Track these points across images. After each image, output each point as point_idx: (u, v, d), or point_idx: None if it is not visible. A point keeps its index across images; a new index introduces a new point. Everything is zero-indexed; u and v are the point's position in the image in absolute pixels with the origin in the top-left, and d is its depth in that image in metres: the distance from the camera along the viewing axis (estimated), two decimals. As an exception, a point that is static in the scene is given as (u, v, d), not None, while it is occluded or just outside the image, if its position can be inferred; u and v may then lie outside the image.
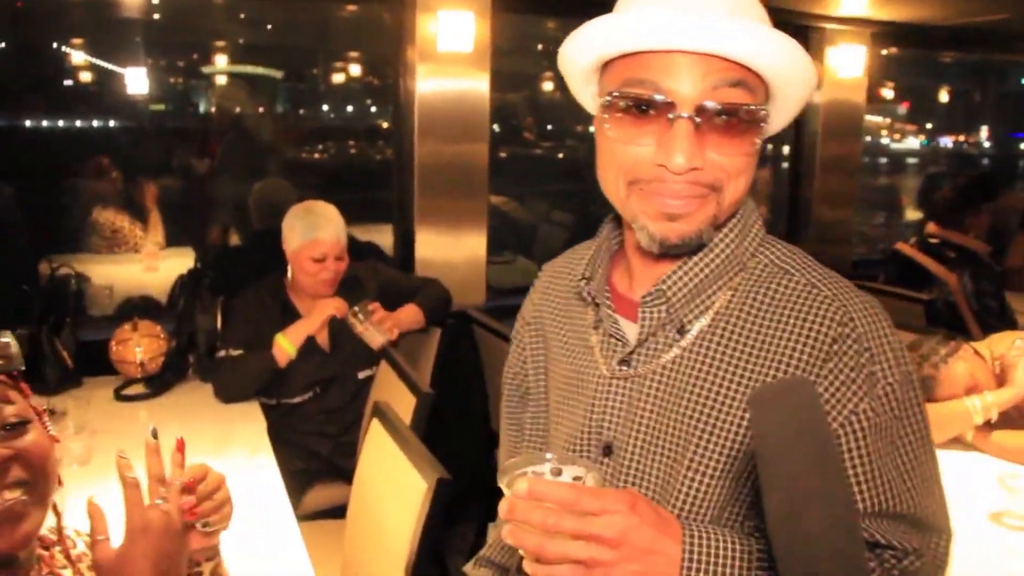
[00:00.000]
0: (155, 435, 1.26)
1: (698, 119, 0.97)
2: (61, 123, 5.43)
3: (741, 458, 1.02)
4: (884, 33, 5.01)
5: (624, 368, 1.11)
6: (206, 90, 5.89)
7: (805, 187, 5.00)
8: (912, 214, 7.06)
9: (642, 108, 0.99)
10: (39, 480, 1.12)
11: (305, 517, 2.83)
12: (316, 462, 2.96)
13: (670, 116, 0.98)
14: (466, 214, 3.79)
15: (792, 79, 1.02)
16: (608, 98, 1.02)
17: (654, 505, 0.93)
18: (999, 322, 3.75)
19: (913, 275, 3.97)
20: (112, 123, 5.52)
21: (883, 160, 8.44)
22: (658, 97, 0.98)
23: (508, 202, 6.61)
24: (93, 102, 5.32)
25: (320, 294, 2.97)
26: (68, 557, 1.27)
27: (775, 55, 0.98)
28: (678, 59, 0.97)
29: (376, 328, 2.92)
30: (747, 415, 1.00)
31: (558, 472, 0.93)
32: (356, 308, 2.91)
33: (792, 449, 0.77)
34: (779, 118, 1.08)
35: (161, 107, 5.49)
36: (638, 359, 1.10)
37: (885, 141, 8.35)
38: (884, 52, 5.74)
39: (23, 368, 1.13)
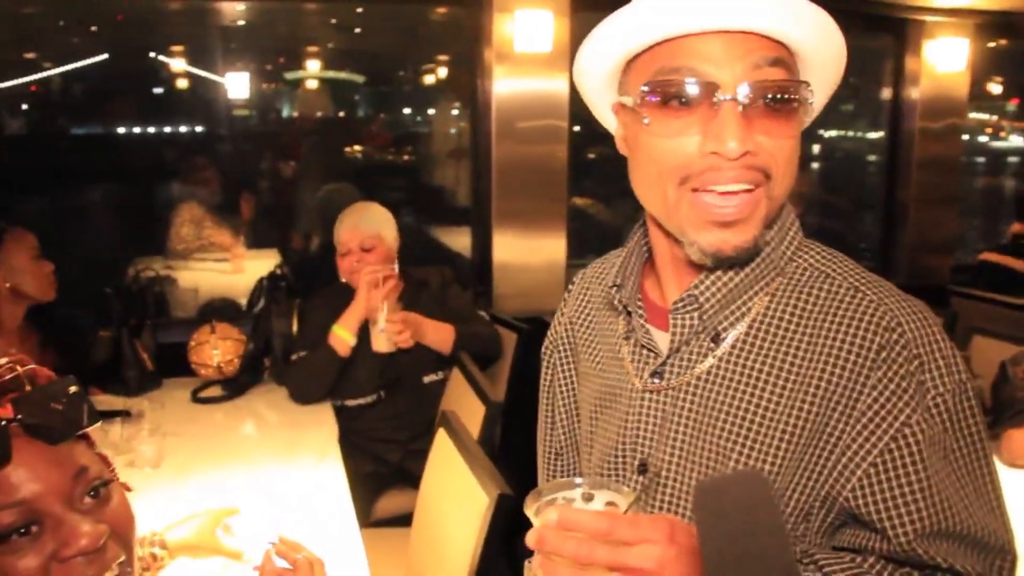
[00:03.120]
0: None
1: (744, 100, 0.90)
2: (152, 129, 5.59)
3: (784, 473, 0.96)
4: (990, 24, 4.74)
5: (657, 380, 1.05)
6: (290, 95, 5.98)
7: (901, 188, 4.76)
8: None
9: (682, 98, 0.91)
10: (129, 551, 0.97)
11: (377, 523, 2.82)
12: (386, 468, 2.94)
13: (715, 100, 0.90)
14: (545, 216, 3.74)
15: (828, 58, 0.96)
16: (644, 88, 0.94)
17: (693, 531, 0.84)
18: None
19: (1007, 282, 3.77)
20: (197, 129, 5.66)
21: (980, 159, 8.01)
22: (700, 80, 0.90)
23: (593, 204, 6.54)
24: (181, 109, 5.47)
25: None
26: None
27: (813, 29, 0.93)
28: (712, 41, 0.91)
29: (388, 334, 2.77)
30: (789, 425, 0.96)
31: (590, 498, 0.87)
32: (389, 305, 2.80)
33: (740, 552, 0.72)
34: (815, 102, 1.00)
35: (245, 112, 5.60)
36: (671, 371, 1.04)
37: (983, 139, 7.91)
38: (991, 44, 5.44)
39: (100, 422, 1.03)
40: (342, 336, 2.82)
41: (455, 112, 6.87)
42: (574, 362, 1.23)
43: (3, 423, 0.86)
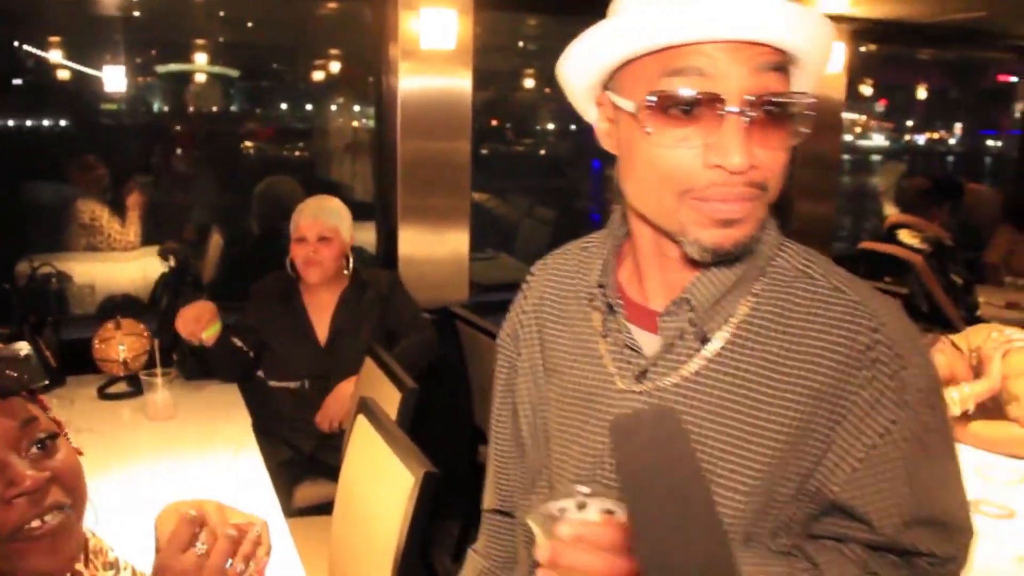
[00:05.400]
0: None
1: (750, 112, 0.88)
2: (11, 122, 5.37)
3: (774, 471, 0.96)
4: (864, 30, 5.05)
5: (642, 382, 1.03)
6: (171, 89, 5.85)
7: (785, 182, 5.02)
8: (890, 209, 7.15)
9: (685, 107, 0.89)
10: (77, 500, 1.07)
11: (293, 513, 2.84)
12: (300, 458, 2.97)
13: (720, 112, 0.88)
14: (449, 211, 3.80)
15: (820, 62, 0.96)
16: (650, 99, 0.90)
17: None
18: (966, 295, 3.86)
19: (885, 268, 4.05)
20: (63, 123, 5.46)
21: (846, 157, 8.49)
22: (706, 90, 0.88)
23: (490, 199, 6.64)
24: (51, 102, 5.29)
25: (309, 280, 2.97)
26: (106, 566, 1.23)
27: (817, 39, 0.92)
28: (717, 48, 0.88)
29: (156, 404, 2.67)
30: (779, 425, 0.96)
31: (582, 506, 0.85)
32: (164, 373, 2.68)
33: (656, 481, 0.73)
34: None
35: (113, 106, 5.43)
36: (657, 372, 1.02)
37: (848, 137, 8.36)
38: (863, 49, 5.79)
39: (46, 382, 1.07)
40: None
41: (336, 107, 6.84)
42: (541, 357, 1.17)
43: None
